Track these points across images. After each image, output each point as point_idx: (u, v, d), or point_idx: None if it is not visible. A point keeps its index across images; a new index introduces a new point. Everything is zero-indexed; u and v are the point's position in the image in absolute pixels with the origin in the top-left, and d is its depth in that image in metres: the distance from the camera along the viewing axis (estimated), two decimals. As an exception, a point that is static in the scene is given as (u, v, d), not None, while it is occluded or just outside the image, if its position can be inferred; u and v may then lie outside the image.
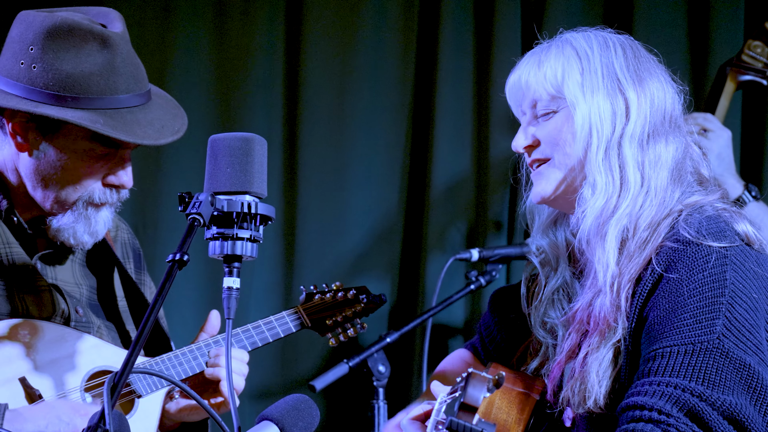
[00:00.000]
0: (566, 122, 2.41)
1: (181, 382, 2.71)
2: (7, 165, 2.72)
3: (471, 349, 2.79)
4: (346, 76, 4.55)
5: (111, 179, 2.71)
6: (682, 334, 2.24)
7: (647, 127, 2.39)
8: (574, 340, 2.39)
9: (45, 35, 2.60)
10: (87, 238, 2.73)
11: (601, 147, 2.38)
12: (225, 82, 4.52)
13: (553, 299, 2.48)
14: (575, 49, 2.43)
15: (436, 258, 4.45)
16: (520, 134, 2.50)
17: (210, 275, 4.42)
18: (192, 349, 2.80)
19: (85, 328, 2.76)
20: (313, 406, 2.23)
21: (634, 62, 2.43)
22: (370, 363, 3.89)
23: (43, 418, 2.52)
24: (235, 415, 2.15)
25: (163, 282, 2.13)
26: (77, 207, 2.69)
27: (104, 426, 2.01)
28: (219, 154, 2.23)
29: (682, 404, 2.19)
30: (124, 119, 2.62)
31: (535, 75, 2.45)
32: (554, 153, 2.45)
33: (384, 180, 4.56)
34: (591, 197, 2.38)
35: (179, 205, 2.22)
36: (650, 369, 2.25)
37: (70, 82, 2.59)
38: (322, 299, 3.07)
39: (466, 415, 1.95)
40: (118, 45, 2.63)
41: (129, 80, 2.65)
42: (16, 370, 2.61)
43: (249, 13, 4.54)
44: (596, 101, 2.39)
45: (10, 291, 2.66)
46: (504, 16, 4.52)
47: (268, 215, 2.24)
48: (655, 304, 2.29)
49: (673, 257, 2.31)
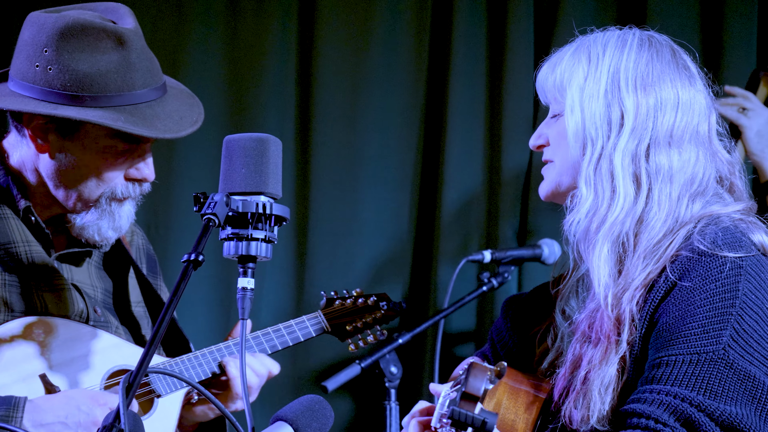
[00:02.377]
0: (565, 128, 2.39)
1: (199, 382, 2.73)
2: (26, 165, 2.72)
3: (482, 357, 2.78)
4: (359, 76, 4.55)
5: (133, 173, 2.72)
6: (688, 344, 2.23)
7: (646, 138, 2.33)
8: (577, 352, 2.38)
9: (58, 36, 2.60)
10: (111, 233, 2.74)
11: (593, 157, 2.34)
12: (237, 82, 4.52)
13: (577, 289, 2.47)
14: (588, 52, 2.39)
15: (448, 259, 4.45)
16: (536, 133, 2.50)
17: (222, 276, 4.43)
18: (212, 351, 2.81)
19: (104, 328, 2.76)
20: (327, 407, 2.24)
21: (646, 67, 2.36)
22: (382, 364, 3.88)
23: (63, 408, 2.53)
24: (249, 416, 2.16)
25: (178, 282, 2.13)
26: (100, 203, 2.70)
27: (119, 425, 2.02)
28: (234, 155, 2.23)
29: (679, 414, 2.18)
30: (143, 114, 2.63)
31: (549, 76, 2.43)
32: (555, 156, 2.43)
33: (396, 181, 4.56)
34: (577, 206, 2.35)
35: (194, 205, 2.22)
36: (654, 376, 2.24)
37: (88, 81, 2.60)
38: (342, 305, 3.08)
39: (468, 405, 1.93)
40: (132, 41, 2.63)
41: (145, 75, 2.66)
42: (36, 367, 2.61)
43: (262, 13, 4.54)
44: (591, 109, 2.34)
45: (30, 289, 2.67)
46: (517, 17, 4.52)
47: (283, 216, 2.24)
48: (666, 310, 2.28)
49: (687, 266, 2.28)
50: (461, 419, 1.92)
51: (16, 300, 2.64)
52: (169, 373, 2.56)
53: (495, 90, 4.55)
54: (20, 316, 2.64)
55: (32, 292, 2.66)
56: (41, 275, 2.68)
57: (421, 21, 4.56)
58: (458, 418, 1.92)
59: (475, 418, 1.92)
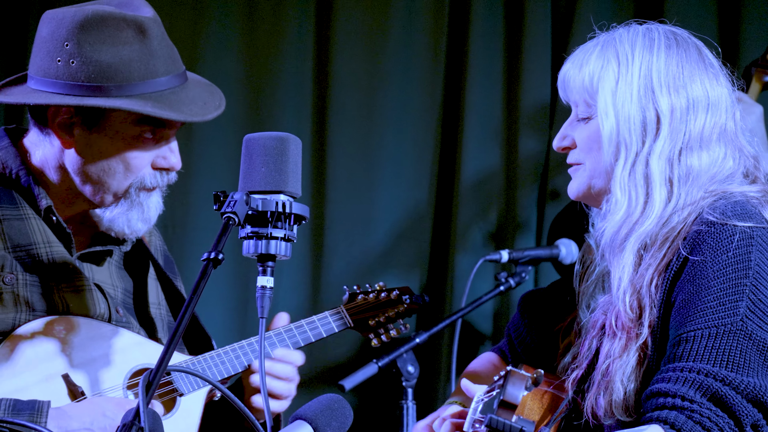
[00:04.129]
0: (598, 131, 2.37)
1: (222, 380, 2.73)
2: (48, 163, 2.73)
3: (498, 353, 2.78)
4: (376, 75, 4.55)
5: (160, 162, 2.72)
6: (705, 318, 2.23)
7: (680, 141, 2.33)
8: (595, 345, 2.38)
9: (79, 29, 2.61)
10: (141, 225, 2.74)
11: (628, 161, 2.33)
12: (255, 81, 4.53)
13: (602, 283, 2.46)
14: (617, 51, 2.37)
15: (465, 258, 4.45)
16: (560, 134, 2.48)
17: (239, 274, 4.43)
18: (234, 348, 2.80)
19: (126, 329, 2.76)
20: (346, 406, 2.23)
21: (677, 68, 2.35)
22: (399, 363, 3.88)
23: (88, 415, 2.53)
24: (268, 416, 2.16)
25: (198, 280, 2.13)
26: (129, 194, 2.70)
27: (139, 423, 2.02)
28: (254, 153, 2.23)
29: (705, 389, 2.18)
30: (168, 100, 2.64)
31: (575, 77, 2.40)
32: (586, 159, 2.42)
33: (413, 180, 4.56)
34: (610, 213, 2.34)
35: (214, 203, 2.22)
36: (675, 354, 2.24)
37: (111, 71, 2.61)
38: (365, 299, 3.05)
39: (505, 413, 1.95)
40: (152, 29, 2.65)
41: (167, 62, 2.67)
42: (59, 366, 2.61)
43: (279, 12, 4.55)
44: (625, 113, 2.33)
45: (51, 290, 2.67)
46: (534, 16, 4.51)
47: (303, 215, 2.24)
48: (681, 288, 2.28)
49: (697, 240, 2.28)
50: (499, 427, 1.94)
51: (37, 300, 2.64)
52: (191, 372, 2.56)
53: (512, 89, 4.54)
54: (42, 316, 2.64)
55: (54, 292, 2.67)
56: (63, 275, 2.68)
57: (438, 19, 4.55)
58: (496, 426, 1.94)
59: (513, 426, 1.93)
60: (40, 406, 2.50)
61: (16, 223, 2.68)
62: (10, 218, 2.68)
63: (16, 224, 2.68)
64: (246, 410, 2.22)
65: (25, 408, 2.50)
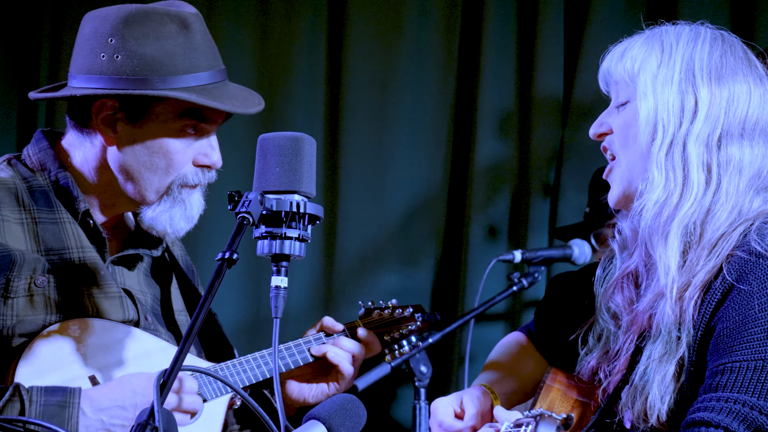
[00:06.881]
0: (635, 114, 2.37)
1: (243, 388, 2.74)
2: (88, 163, 2.74)
3: (526, 333, 2.79)
4: (389, 75, 4.55)
5: (201, 159, 2.74)
6: (751, 349, 2.21)
7: (719, 128, 2.32)
8: (634, 345, 2.36)
9: (123, 24, 2.64)
10: (183, 224, 2.75)
11: (665, 142, 2.32)
12: (267, 81, 4.53)
13: (622, 284, 2.45)
14: (661, 41, 2.39)
15: (478, 259, 4.44)
16: (597, 121, 2.47)
17: (252, 274, 4.43)
18: (256, 357, 2.81)
19: (154, 335, 2.76)
20: (360, 406, 2.23)
21: (720, 60, 2.36)
22: (412, 363, 3.88)
23: (119, 392, 2.54)
24: (282, 415, 2.16)
25: (212, 280, 2.14)
26: (172, 191, 2.72)
27: (153, 423, 2.02)
28: (268, 153, 2.23)
29: (750, 422, 2.16)
30: (211, 93, 2.67)
31: (617, 64, 2.41)
32: (620, 152, 2.41)
33: (425, 179, 4.56)
34: (646, 192, 2.33)
35: (228, 203, 2.23)
36: (718, 383, 2.21)
37: (156, 64, 2.63)
38: (380, 315, 3.08)
39: None
40: (194, 24, 2.69)
41: (209, 57, 2.71)
42: (85, 368, 2.61)
43: (292, 12, 4.55)
44: (665, 95, 2.34)
45: (82, 293, 2.67)
46: (547, 15, 4.50)
47: (317, 215, 2.24)
48: (724, 315, 2.25)
49: (744, 268, 2.26)
50: None
51: (67, 303, 2.65)
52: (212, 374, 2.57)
53: (525, 87, 4.54)
54: (71, 319, 2.64)
55: (84, 296, 2.67)
56: (94, 280, 2.68)
57: (451, 19, 4.55)
58: None
59: None
60: (72, 390, 2.52)
61: (50, 227, 2.69)
62: (45, 221, 2.69)
63: (50, 228, 2.68)
64: (262, 412, 2.22)
65: (57, 391, 2.52)
